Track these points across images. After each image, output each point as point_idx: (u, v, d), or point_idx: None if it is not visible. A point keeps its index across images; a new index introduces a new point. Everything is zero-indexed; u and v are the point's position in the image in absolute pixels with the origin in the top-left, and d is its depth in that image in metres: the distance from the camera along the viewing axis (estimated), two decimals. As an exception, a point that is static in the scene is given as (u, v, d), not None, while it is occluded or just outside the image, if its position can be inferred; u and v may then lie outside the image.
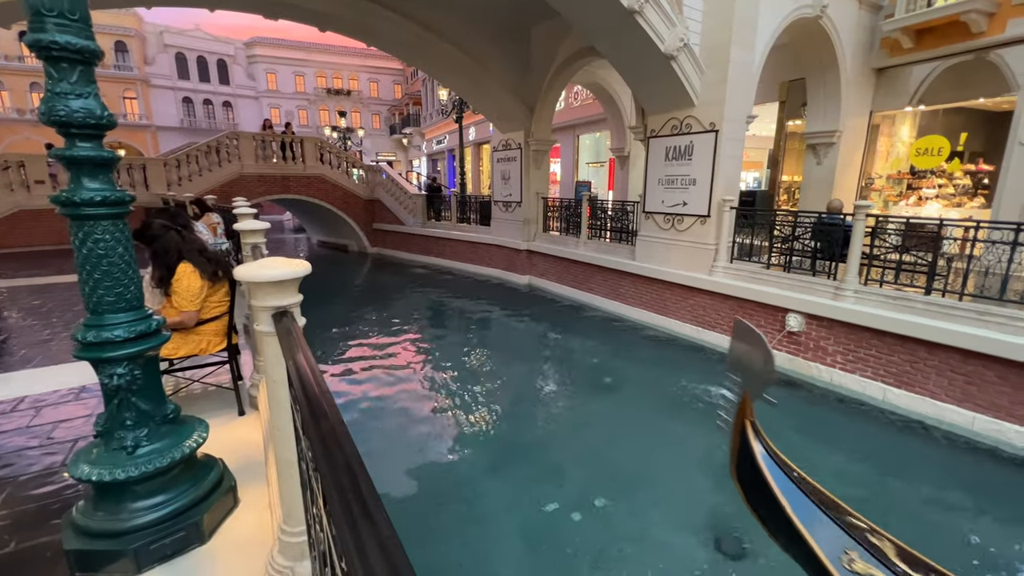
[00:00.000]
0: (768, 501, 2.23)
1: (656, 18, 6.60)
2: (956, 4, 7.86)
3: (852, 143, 9.79)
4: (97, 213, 1.59)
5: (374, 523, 0.51)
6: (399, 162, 36.73)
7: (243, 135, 14.58)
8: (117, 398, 1.72)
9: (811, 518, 2.11)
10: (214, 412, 2.94)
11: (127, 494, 1.74)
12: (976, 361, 4.80)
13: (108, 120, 1.58)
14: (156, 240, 2.77)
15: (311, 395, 0.84)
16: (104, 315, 1.66)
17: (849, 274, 5.79)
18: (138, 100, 30.81)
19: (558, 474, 4.32)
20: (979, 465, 4.50)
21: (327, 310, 9.95)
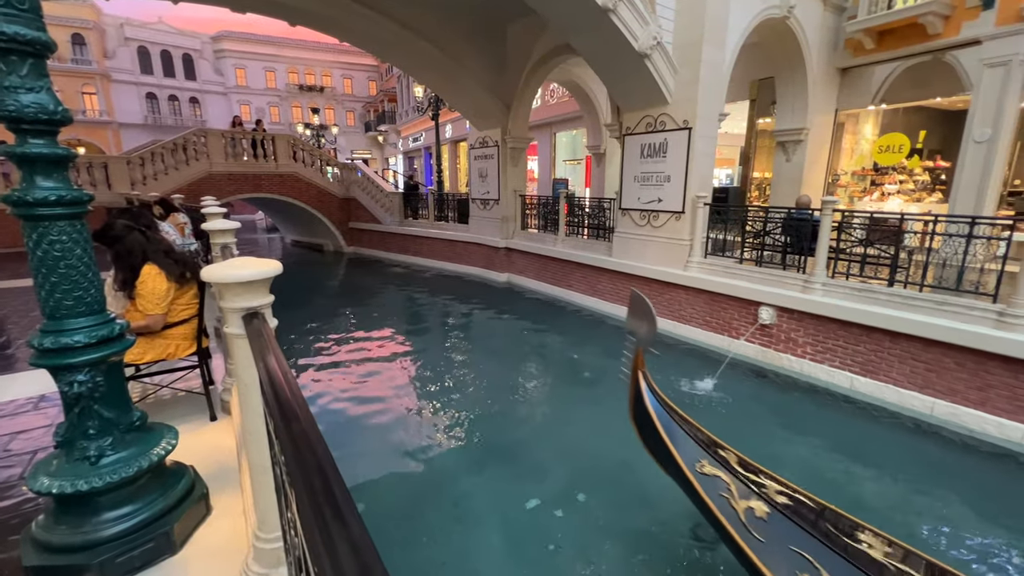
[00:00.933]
0: (653, 432, 2.86)
1: (630, 16, 6.67)
2: (914, 7, 8.19)
3: (819, 140, 10.11)
4: (52, 213, 1.52)
5: (345, 525, 0.50)
6: (375, 160, 36.21)
7: (211, 132, 14.13)
8: (78, 406, 1.65)
9: (677, 440, 2.80)
10: (184, 418, 2.86)
11: (91, 506, 1.67)
12: (936, 349, 5.02)
13: (63, 115, 1.51)
14: (118, 241, 2.66)
15: (282, 398, 0.82)
16: (63, 320, 1.59)
17: (817, 267, 5.98)
18: (98, 95, 29.51)
19: (540, 470, 4.34)
20: (937, 448, 4.71)
21: (301, 311, 9.75)
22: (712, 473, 2.64)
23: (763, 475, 2.66)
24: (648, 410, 2.89)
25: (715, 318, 7.18)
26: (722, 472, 2.63)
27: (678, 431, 2.84)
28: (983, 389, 4.76)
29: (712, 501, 2.50)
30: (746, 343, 6.71)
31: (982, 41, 7.71)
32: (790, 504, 2.46)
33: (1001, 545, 3.44)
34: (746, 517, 2.43)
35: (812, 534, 2.32)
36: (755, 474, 2.64)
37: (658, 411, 2.89)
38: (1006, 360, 4.57)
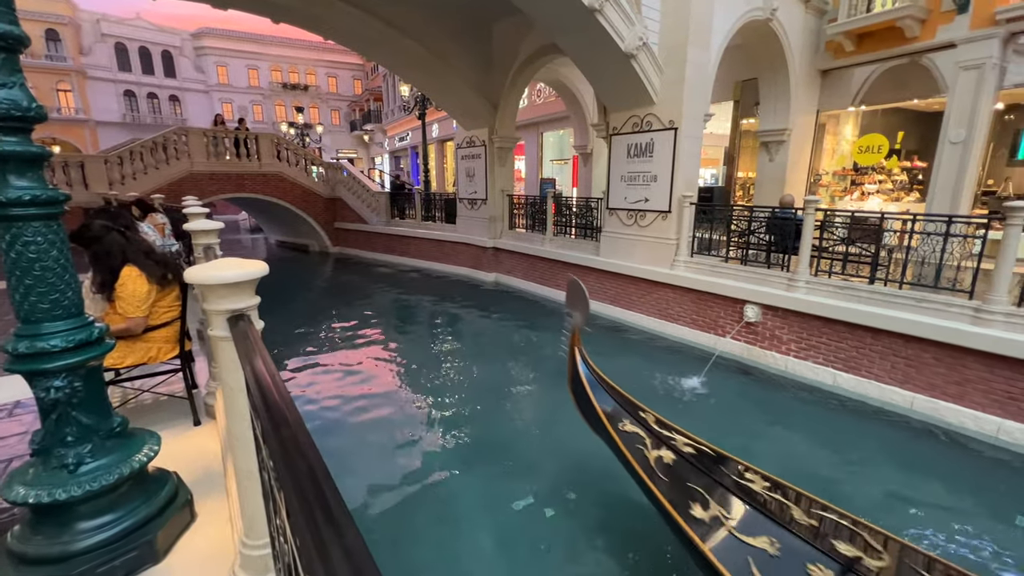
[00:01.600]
0: (586, 400, 3.31)
1: (616, 17, 6.71)
2: (892, 10, 8.38)
3: (801, 141, 10.28)
4: (27, 214, 1.47)
5: (339, 530, 0.49)
6: (360, 159, 35.88)
7: (193, 131, 13.86)
8: (55, 413, 1.60)
9: (606, 404, 3.26)
10: (167, 423, 2.79)
11: (70, 515, 1.62)
12: (915, 345, 5.15)
13: (37, 112, 1.46)
14: (96, 242, 2.59)
15: (270, 401, 0.80)
16: (38, 324, 1.54)
17: (801, 266, 6.08)
18: (74, 93, 28.74)
19: (529, 469, 4.34)
20: (916, 441, 4.82)
21: (287, 312, 9.61)
22: (632, 430, 3.12)
23: (675, 431, 3.18)
24: (582, 380, 3.38)
25: (701, 316, 7.26)
26: (640, 429, 3.13)
27: (606, 397, 3.33)
28: (960, 384, 4.89)
29: (630, 453, 2.95)
30: (732, 341, 6.80)
31: (957, 44, 7.93)
32: (693, 452, 2.97)
33: (972, 532, 3.54)
34: (655, 464, 2.89)
35: (706, 473, 2.81)
36: (668, 430, 3.17)
37: (590, 381, 3.38)
38: (982, 355, 4.70)
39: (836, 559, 2.24)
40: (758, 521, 2.48)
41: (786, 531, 2.42)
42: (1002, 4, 7.39)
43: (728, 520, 2.50)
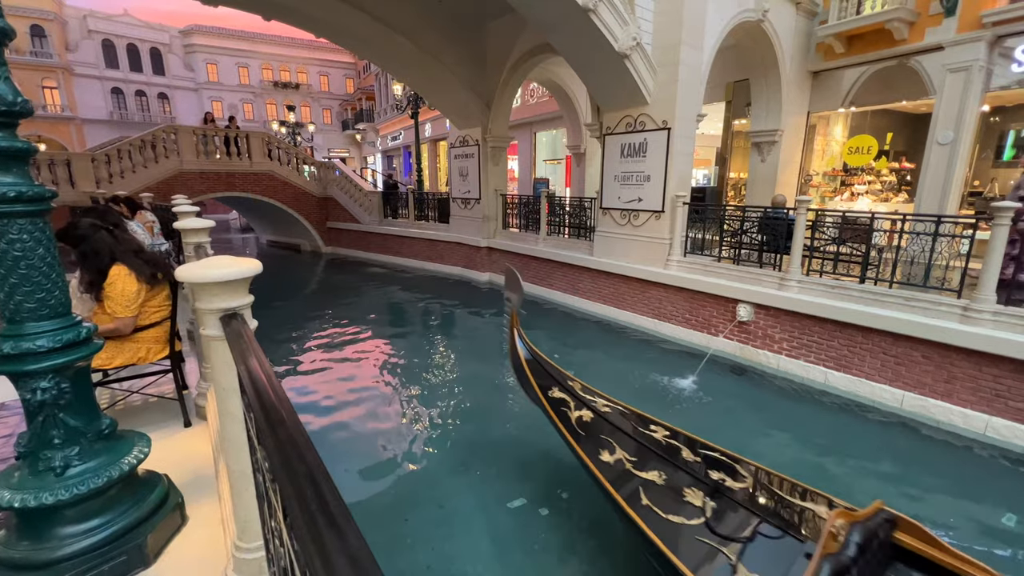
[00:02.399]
0: (523, 372, 3.81)
1: (610, 17, 6.72)
2: (881, 12, 8.48)
3: (792, 142, 10.37)
4: (12, 211, 1.43)
5: (341, 534, 0.47)
6: (352, 159, 35.68)
7: (182, 129, 13.67)
8: (42, 415, 1.56)
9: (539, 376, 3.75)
10: (157, 425, 2.75)
11: (57, 520, 1.58)
12: (905, 343, 5.21)
13: (23, 107, 1.42)
14: (84, 241, 2.54)
15: (266, 402, 0.78)
16: (23, 324, 1.50)
17: (792, 265, 6.13)
18: (59, 90, 28.25)
19: (524, 469, 4.33)
20: (906, 438, 4.88)
21: (279, 313, 9.52)
22: (559, 396, 3.62)
23: (597, 395, 3.66)
24: (519, 356, 3.91)
25: (695, 316, 7.29)
26: (566, 395, 3.62)
27: (540, 370, 3.84)
28: (949, 381, 4.95)
29: (556, 415, 3.45)
30: (725, 340, 6.84)
31: (944, 47, 8.04)
32: (609, 411, 3.47)
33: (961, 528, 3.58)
34: (576, 422, 3.39)
35: (617, 427, 3.34)
36: (591, 395, 3.65)
37: (527, 356, 3.91)
38: (970, 353, 4.76)
39: (706, 482, 2.86)
40: (651, 459, 3.07)
41: (672, 465, 3.01)
42: (989, 7, 7.50)
43: (629, 461, 3.05)
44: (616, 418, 3.41)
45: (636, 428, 3.31)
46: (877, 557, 2.21)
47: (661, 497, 2.78)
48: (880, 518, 2.26)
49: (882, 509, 2.33)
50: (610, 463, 3.02)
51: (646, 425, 3.32)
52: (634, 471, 2.97)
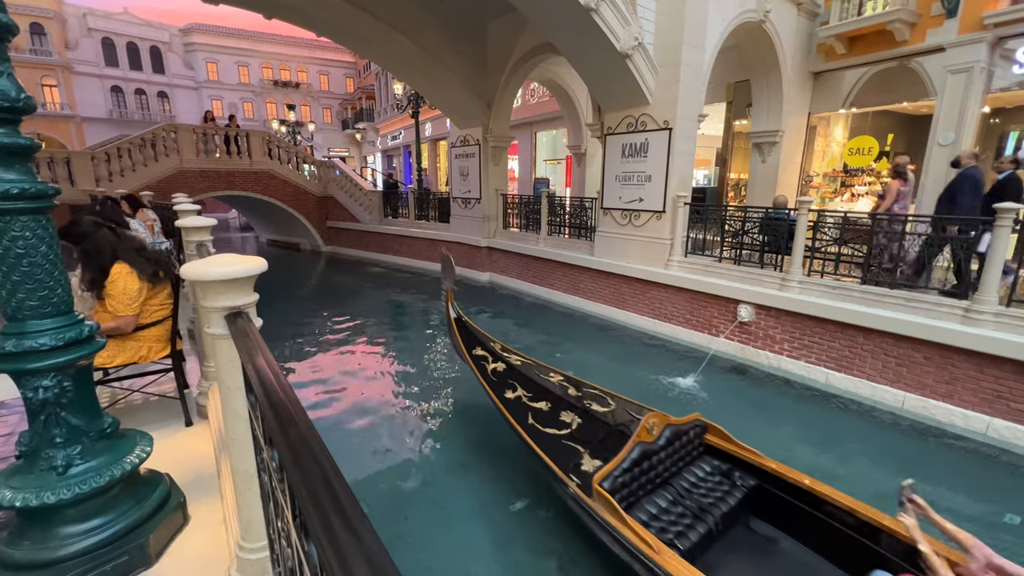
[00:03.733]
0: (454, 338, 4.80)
1: (612, 17, 6.71)
2: (882, 13, 8.48)
3: (793, 142, 10.37)
4: (14, 207, 1.42)
5: (359, 538, 0.47)
6: (352, 158, 35.62)
7: (182, 127, 13.65)
8: (44, 413, 1.55)
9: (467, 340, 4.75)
10: (158, 424, 2.73)
11: (58, 519, 1.57)
12: (906, 344, 5.20)
13: (26, 103, 1.41)
14: (86, 239, 2.52)
15: (276, 401, 0.77)
16: (26, 322, 1.49)
17: (794, 266, 6.13)
18: (59, 88, 28.17)
19: (525, 471, 4.32)
20: (907, 438, 4.88)
21: (278, 312, 9.51)
22: (481, 354, 4.63)
23: (512, 354, 4.66)
24: (452, 325, 4.90)
25: (695, 316, 7.29)
26: (487, 352, 4.66)
27: (467, 335, 4.87)
28: (950, 383, 4.95)
29: (478, 369, 4.42)
30: (726, 340, 6.83)
31: (946, 48, 8.04)
32: (519, 364, 4.50)
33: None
34: (492, 373, 4.41)
35: (522, 374, 4.41)
36: (507, 353, 4.67)
37: (458, 324, 4.91)
38: (971, 354, 4.76)
39: (578, 407, 3.93)
40: (543, 395, 4.18)
41: (557, 398, 4.10)
42: (990, 8, 7.50)
43: (526, 396, 4.11)
44: (523, 368, 4.48)
45: (538, 375, 4.38)
46: (687, 449, 3.32)
47: (544, 418, 3.88)
48: (693, 424, 3.36)
49: (698, 419, 3.40)
50: (511, 398, 4.08)
51: (547, 373, 4.38)
52: (528, 403, 4.06)
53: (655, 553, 2.43)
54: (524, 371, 4.41)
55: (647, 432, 3.11)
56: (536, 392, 4.17)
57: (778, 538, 2.95)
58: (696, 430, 3.36)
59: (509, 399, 4.03)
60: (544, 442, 3.51)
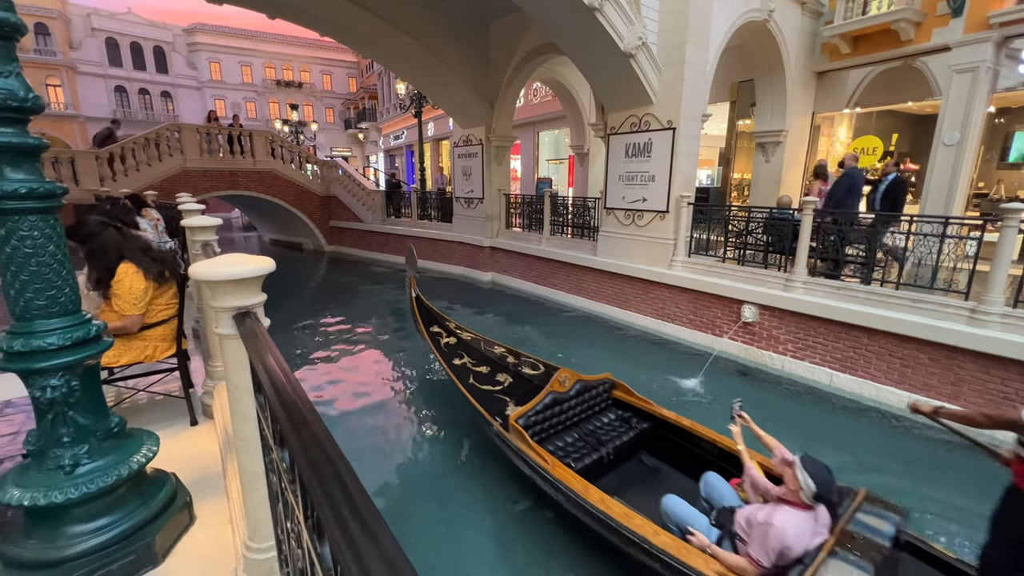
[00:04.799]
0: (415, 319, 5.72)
1: (616, 16, 6.70)
2: (888, 13, 8.44)
3: (797, 142, 10.34)
4: (23, 207, 1.41)
5: (377, 540, 0.46)
6: (355, 158, 35.67)
7: (186, 127, 13.69)
8: (51, 413, 1.55)
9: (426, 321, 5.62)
10: (163, 423, 2.74)
11: (66, 518, 1.57)
12: (911, 345, 5.18)
13: (34, 103, 1.41)
14: (92, 238, 2.53)
15: (287, 401, 0.77)
16: (34, 321, 1.49)
17: (798, 266, 6.11)
18: (63, 88, 28.29)
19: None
20: (914, 440, 4.85)
21: (281, 311, 9.52)
22: (437, 331, 5.55)
23: (465, 331, 5.54)
24: (414, 307, 5.83)
25: (699, 316, 7.27)
26: (442, 329, 5.59)
27: (426, 314, 5.81)
28: (956, 384, 4.93)
29: (433, 344, 5.30)
30: (730, 341, 6.81)
31: (951, 48, 8.00)
32: (469, 339, 5.37)
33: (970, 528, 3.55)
34: (444, 345, 5.30)
35: (470, 345, 5.25)
36: (460, 330, 5.55)
37: (420, 308, 5.84)
38: (977, 355, 4.74)
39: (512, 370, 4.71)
40: (484, 360, 4.98)
41: (497, 364, 4.88)
42: (996, 8, 7.46)
43: (471, 363, 4.97)
44: (471, 342, 5.33)
45: (483, 347, 5.21)
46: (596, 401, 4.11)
47: (482, 378, 4.66)
48: (602, 381, 4.19)
49: (607, 377, 4.23)
50: (458, 364, 4.93)
51: (492, 346, 5.20)
52: (471, 367, 4.89)
53: (550, 467, 3.20)
54: (471, 344, 5.30)
55: (559, 384, 3.96)
56: (479, 359, 5.01)
57: (660, 467, 3.79)
58: (605, 386, 4.22)
59: (456, 365, 4.90)
60: (480, 396, 4.32)
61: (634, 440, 3.79)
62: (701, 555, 2.41)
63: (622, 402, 4.17)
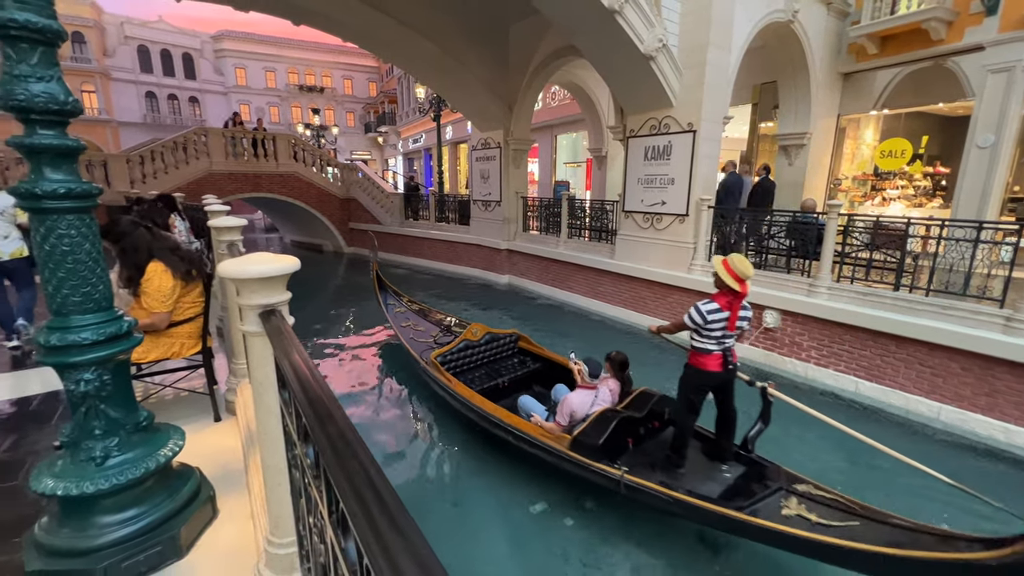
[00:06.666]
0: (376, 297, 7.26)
1: (636, 18, 6.66)
2: (918, 12, 8.20)
3: (821, 145, 10.11)
4: (61, 207, 1.47)
5: (406, 538, 0.46)
6: (374, 161, 36.14)
7: (212, 131, 14.06)
8: (84, 406, 1.60)
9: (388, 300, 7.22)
10: (188, 418, 2.80)
11: (96, 509, 1.62)
12: (942, 354, 5.00)
13: (73, 106, 1.47)
14: (125, 237, 2.61)
15: (313, 396, 0.78)
16: (69, 316, 1.54)
17: (822, 271, 5.96)
18: (97, 94, 29.36)
19: (546, 474, 4.29)
20: (944, 451, 4.68)
21: (300, 311, 9.68)
22: (400, 310, 6.89)
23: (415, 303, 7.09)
24: (375, 282, 7.33)
25: (718, 321, 7.13)
26: (403, 307, 6.95)
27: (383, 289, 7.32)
28: (990, 395, 4.74)
29: (392, 318, 6.63)
30: (750, 347, 6.68)
31: (985, 47, 7.73)
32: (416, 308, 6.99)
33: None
34: (401, 319, 6.56)
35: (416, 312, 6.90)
36: (411, 302, 7.08)
37: (378, 281, 7.35)
38: (1013, 365, 4.55)
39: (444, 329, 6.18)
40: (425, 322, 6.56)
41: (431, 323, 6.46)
42: (1034, 5, 7.19)
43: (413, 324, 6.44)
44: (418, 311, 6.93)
45: (427, 314, 6.83)
46: (503, 349, 5.47)
47: (420, 335, 6.16)
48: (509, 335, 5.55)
49: (514, 332, 5.62)
50: (405, 326, 6.41)
51: (434, 313, 6.81)
52: (414, 328, 6.38)
53: (454, 386, 4.57)
54: (417, 312, 6.93)
55: (472, 334, 5.32)
56: (424, 324, 6.54)
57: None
58: (511, 338, 5.60)
59: (403, 326, 6.41)
60: (416, 346, 5.74)
61: (529, 375, 5.23)
62: (534, 427, 3.87)
63: (525, 350, 5.57)
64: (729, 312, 3.23)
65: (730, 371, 3.39)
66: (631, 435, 3.62)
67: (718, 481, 3.26)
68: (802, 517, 2.77)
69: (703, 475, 3.32)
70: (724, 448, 3.50)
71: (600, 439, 3.35)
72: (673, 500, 3.02)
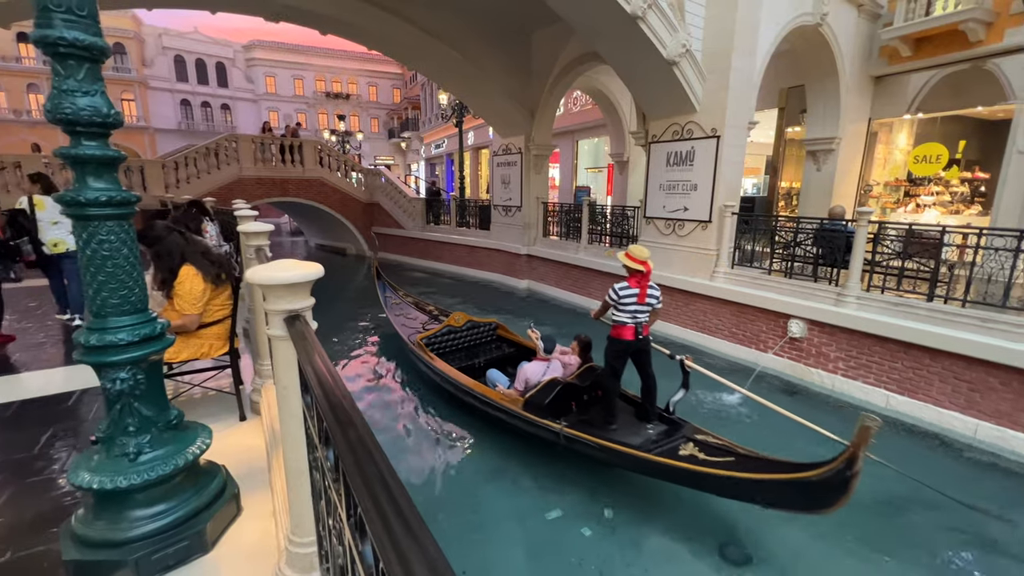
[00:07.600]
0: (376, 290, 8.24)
1: (659, 24, 6.63)
2: (955, 13, 7.94)
3: (851, 150, 9.84)
4: (102, 213, 1.55)
5: (420, 544, 0.48)
6: (397, 166, 36.72)
7: (242, 137, 14.52)
8: (119, 403, 1.67)
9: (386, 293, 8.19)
10: (214, 417, 2.89)
11: (128, 502, 1.69)
12: (979, 368, 4.79)
13: (115, 118, 1.55)
14: (159, 242, 2.72)
15: (334, 401, 0.80)
16: (108, 318, 1.62)
17: (851, 280, 5.79)
18: (136, 102, 30.69)
19: (562, 480, 4.27)
20: (981, 471, 4.47)
21: (322, 314, 9.86)
22: (396, 302, 7.92)
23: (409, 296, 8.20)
24: (375, 277, 8.36)
25: (742, 330, 7.00)
26: (399, 299, 8.01)
27: (382, 284, 8.28)
28: (1032, 412, 4.52)
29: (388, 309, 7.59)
30: (775, 357, 6.52)
31: (1027, 48, 7.42)
32: (410, 301, 8.05)
33: None
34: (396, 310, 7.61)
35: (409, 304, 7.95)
36: (406, 296, 8.18)
37: (379, 284, 8.24)
38: (1058, 382, 4.33)
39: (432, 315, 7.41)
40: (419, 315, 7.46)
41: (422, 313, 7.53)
42: (1081, 5, 6.88)
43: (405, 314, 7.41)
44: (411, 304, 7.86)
45: (419, 305, 7.78)
46: (482, 336, 6.49)
47: (409, 321, 7.02)
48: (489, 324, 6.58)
49: (494, 322, 6.65)
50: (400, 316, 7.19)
51: (426, 305, 7.73)
52: (407, 316, 7.25)
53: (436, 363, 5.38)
54: (410, 304, 7.86)
55: (455, 321, 6.31)
56: (416, 314, 7.40)
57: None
58: (490, 326, 6.56)
59: (398, 316, 7.23)
60: (406, 331, 6.54)
61: (503, 357, 6.06)
62: (497, 394, 4.60)
63: (503, 338, 6.52)
64: (639, 289, 3.98)
65: (641, 341, 4.06)
66: (575, 400, 4.27)
67: (641, 435, 3.88)
68: (693, 457, 3.46)
69: (630, 431, 3.96)
70: (648, 410, 4.12)
71: (546, 400, 4.09)
72: (599, 447, 3.72)
